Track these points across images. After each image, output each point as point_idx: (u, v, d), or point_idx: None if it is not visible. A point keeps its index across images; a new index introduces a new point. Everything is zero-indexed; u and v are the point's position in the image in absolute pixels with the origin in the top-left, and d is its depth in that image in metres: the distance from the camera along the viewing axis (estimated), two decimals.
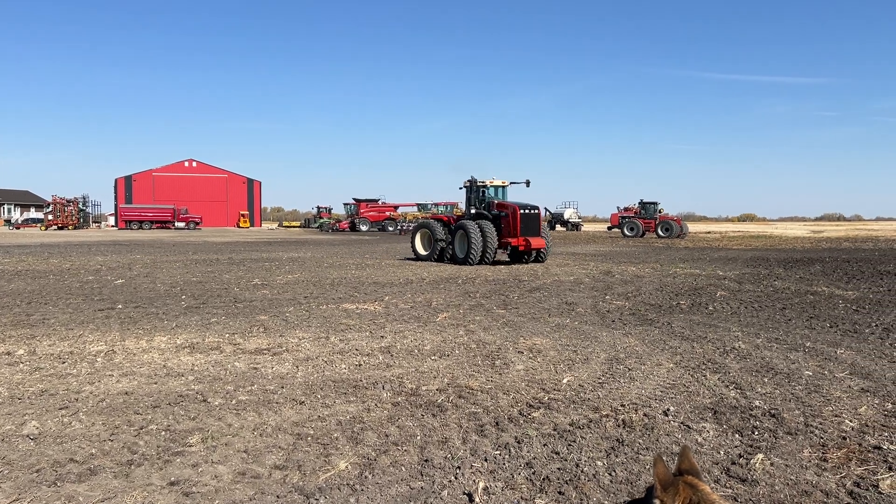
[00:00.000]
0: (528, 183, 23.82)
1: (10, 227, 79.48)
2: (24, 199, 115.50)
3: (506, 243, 22.56)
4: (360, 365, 7.67)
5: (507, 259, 23.74)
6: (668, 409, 5.88)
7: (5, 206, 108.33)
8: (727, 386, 6.75)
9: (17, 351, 8.25)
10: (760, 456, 4.73)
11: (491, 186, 23.91)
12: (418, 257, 24.58)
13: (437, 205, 64.57)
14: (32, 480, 4.33)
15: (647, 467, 4.58)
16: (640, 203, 55.28)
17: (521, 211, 22.40)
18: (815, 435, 5.26)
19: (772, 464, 4.63)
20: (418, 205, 67.78)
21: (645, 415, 5.75)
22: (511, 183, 24.30)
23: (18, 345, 8.63)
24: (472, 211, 23.78)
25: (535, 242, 22.24)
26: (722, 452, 4.88)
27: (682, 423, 5.54)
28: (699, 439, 5.15)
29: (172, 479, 4.38)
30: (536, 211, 22.82)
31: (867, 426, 5.48)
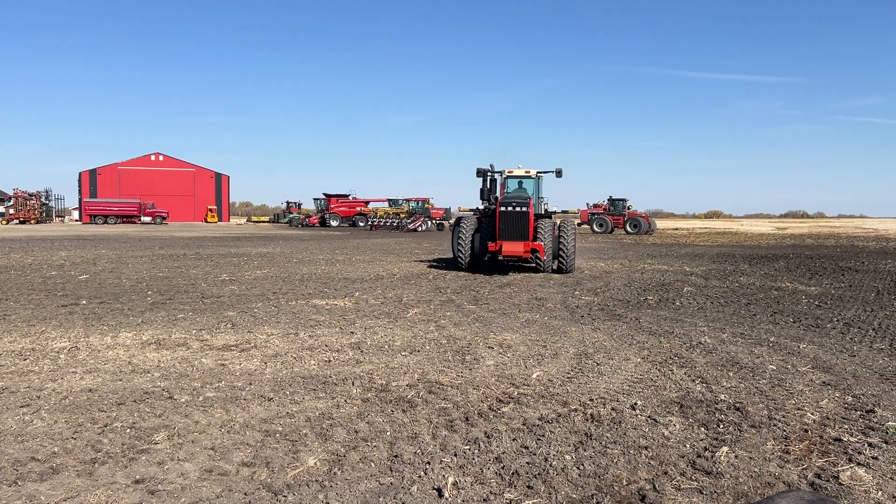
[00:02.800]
0: (558, 173, 19.01)
1: None
2: None
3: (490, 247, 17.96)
4: (329, 361, 7.63)
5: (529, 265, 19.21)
6: (636, 404, 5.95)
7: None
8: (693, 380, 6.85)
9: None
10: (725, 449, 4.81)
11: (510, 177, 19.61)
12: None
13: (408, 200, 64.43)
14: None
15: (615, 461, 4.63)
16: (608, 200, 55.79)
17: (502, 208, 17.88)
18: (779, 428, 5.36)
19: (736, 456, 4.72)
20: (389, 200, 67.57)
21: (613, 409, 5.81)
22: (540, 173, 19.62)
23: None
24: (482, 206, 20.21)
25: (509, 248, 17.27)
26: (688, 446, 4.95)
27: (649, 416, 5.61)
28: (665, 433, 5.22)
29: (137, 477, 4.31)
30: (523, 209, 17.62)
31: (828, 419, 5.61)
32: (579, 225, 64.53)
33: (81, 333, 9.04)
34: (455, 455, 4.72)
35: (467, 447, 4.87)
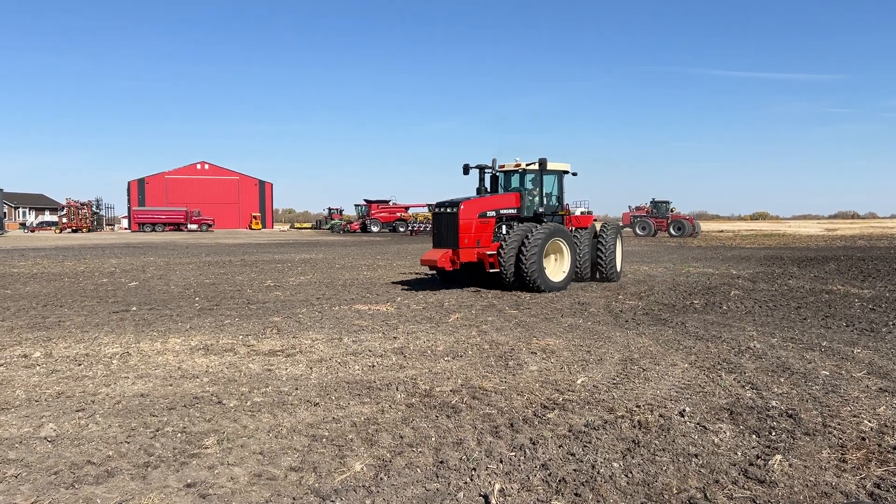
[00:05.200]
0: (542, 163, 15.55)
1: (25, 231, 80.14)
2: (39, 203, 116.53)
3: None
4: (373, 366, 7.68)
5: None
6: (684, 410, 5.84)
7: (20, 210, 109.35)
8: (743, 386, 6.70)
9: (33, 353, 8.31)
10: (779, 457, 4.69)
11: (501, 172, 16.74)
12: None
13: None
14: (51, 483, 4.36)
15: (664, 468, 4.55)
16: (651, 202, 55.01)
17: (435, 210, 15.63)
18: (834, 435, 5.21)
19: (790, 465, 4.59)
20: (429, 205, 67.80)
21: (661, 416, 5.71)
22: (530, 166, 16.13)
23: (35, 347, 8.69)
24: None
25: (431, 256, 14.75)
26: (739, 453, 4.84)
27: (698, 423, 5.51)
28: (716, 440, 5.11)
29: (189, 480, 4.40)
30: (452, 210, 14.75)
31: (886, 426, 5.43)
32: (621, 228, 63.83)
33: (132, 339, 9.26)
34: (501, 461, 4.69)
35: (513, 453, 4.85)
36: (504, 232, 15.32)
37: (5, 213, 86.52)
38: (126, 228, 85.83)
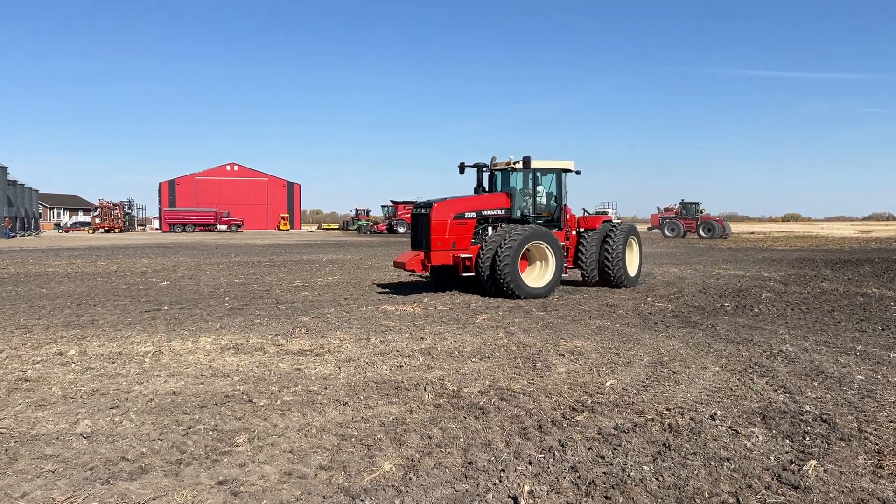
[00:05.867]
0: (525, 162, 14.58)
1: (60, 231, 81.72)
2: (73, 203, 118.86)
3: None
4: (401, 366, 7.70)
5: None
6: (715, 414, 5.77)
7: (54, 211, 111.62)
8: (775, 390, 6.60)
9: (68, 351, 8.47)
10: (813, 462, 4.61)
11: (495, 171, 15.89)
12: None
13: None
14: (86, 478, 4.45)
15: (696, 472, 4.50)
16: (680, 203, 54.45)
17: (412, 211, 15.25)
18: (870, 441, 5.11)
19: (825, 470, 4.51)
20: None
21: (691, 419, 5.65)
22: (516, 163, 14.94)
23: (70, 345, 8.86)
24: None
25: (401, 259, 14.47)
26: (772, 458, 4.77)
27: (729, 427, 5.44)
28: (748, 444, 5.04)
29: (221, 478, 4.45)
30: (426, 211, 14.24)
31: None
32: (649, 229, 63.21)
33: (164, 338, 9.40)
34: (530, 463, 4.68)
35: (542, 455, 4.83)
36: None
37: (40, 213, 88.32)
38: (157, 229, 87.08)
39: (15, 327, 10.33)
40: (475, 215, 14.54)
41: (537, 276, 14.46)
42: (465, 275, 14.16)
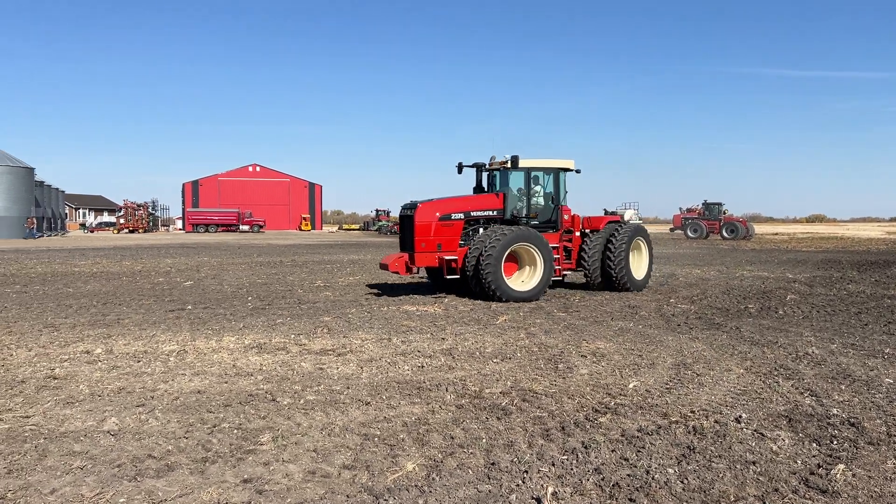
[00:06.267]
0: (513, 161, 14.20)
1: (85, 231, 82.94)
2: (98, 204, 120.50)
3: None
4: (422, 367, 7.71)
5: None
6: (741, 416, 5.71)
7: (80, 211, 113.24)
8: (801, 393, 6.52)
9: (95, 350, 8.59)
10: (841, 466, 4.54)
11: (493, 170, 15.43)
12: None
13: None
14: (114, 475, 4.51)
15: (721, 475, 4.46)
16: (703, 204, 53.95)
17: (400, 212, 14.97)
18: None
19: (853, 475, 4.45)
20: None
21: (716, 421, 5.60)
22: (503, 162, 14.63)
23: (96, 344, 8.98)
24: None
25: (386, 260, 14.34)
26: (799, 462, 4.71)
27: (755, 430, 5.38)
28: (774, 448, 4.98)
29: (245, 476, 4.49)
30: (410, 213, 14.12)
31: None
32: (672, 230, 62.69)
33: (188, 337, 9.50)
34: (553, 465, 4.66)
35: (565, 457, 4.81)
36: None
37: (66, 213, 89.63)
38: (180, 229, 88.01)
39: (43, 326, 10.50)
40: (463, 216, 14.20)
41: (526, 278, 14.06)
42: (448, 277, 13.98)
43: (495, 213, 14.54)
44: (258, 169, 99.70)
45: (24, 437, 5.23)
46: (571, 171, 15.35)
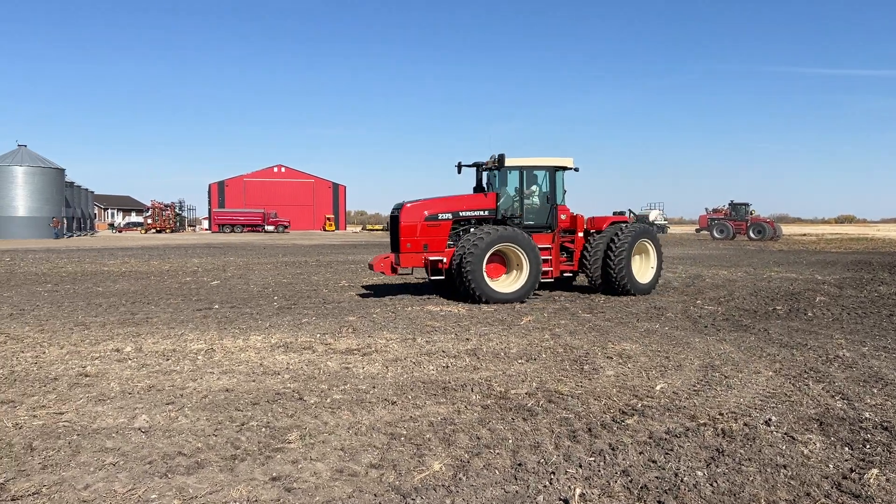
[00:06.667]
0: (499, 160, 14.11)
1: (113, 231, 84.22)
2: (126, 204, 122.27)
3: None
4: (447, 367, 7.72)
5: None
6: (770, 419, 5.64)
7: (108, 211, 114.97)
8: (833, 396, 6.42)
9: (124, 348, 8.72)
10: (875, 471, 4.47)
11: (486, 169, 15.15)
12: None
13: None
14: (146, 471, 4.57)
15: (751, 479, 4.41)
16: (730, 204, 53.38)
17: (391, 213, 14.84)
18: None
19: (887, 479, 4.37)
20: None
21: (745, 424, 5.54)
22: (486, 163, 14.81)
23: (126, 342, 9.12)
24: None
25: (373, 261, 14.43)
26: (831, 466, 4.64)
27: (785, 433, 5.31)
28: (805, 451, 4.92)
29: (274, 474, 4.53)
30: (396, 213, 14.18)
31: None
32: (697, 231, 62.06)
33: (216, 336, 9.60)
34: (580, 466, 4.65)
35: (592, 459, 4.79)
36: None
37: (95, 213, 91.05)
38: (207, 229, 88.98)
39: (74, 324, 10.68)
40: (451, 217, 14.00)
41: (512, 280, 13.76)
42: (433, 278, 13.96)
43: (487, 213, 14.29)
44: (283, 170, 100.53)
45: (58, 434, 5.33)
46: (570, 169, 14.88)
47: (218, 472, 4.56)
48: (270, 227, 79.22)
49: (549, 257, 14.33)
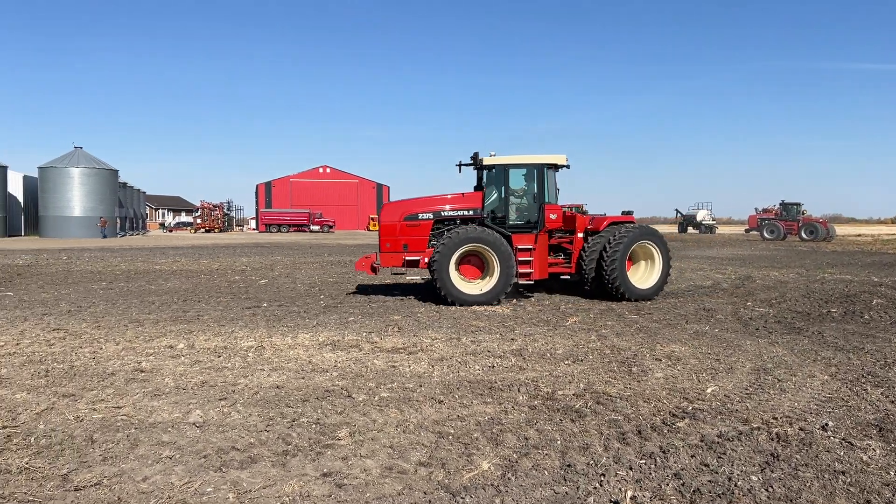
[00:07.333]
0: (477, 159, 14.12)
1: (164, 231, 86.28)
2: (176, 205, 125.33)
3: None
4: (493, 367, 7.72)
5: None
6: (827, 424, 5.49)
7: (160, 211, 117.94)
8: (892, 401, 6.23)
9: (177, 345, 8.94)
10: None
11: (485, 168, 14.32)
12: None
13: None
14: (201, 465, 4.69)
15: (808, 485, 4.30)
16: (781, 204, 52.08)
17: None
18: None
19: None
20: None
21: (801, 429, 5.41)
22: (467, 165, 14.55)
23: (178, 339, 9.35)
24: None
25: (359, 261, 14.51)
26: (892, 473, 4.50)
27: (843, 439, 5.17)
28: (864, 458, 4.78)
29: (325, 470, 4.60)
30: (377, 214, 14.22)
31: None
32: (747, 231, 60.71)
33: (265, 334, 9.77)
34: (630, 468, 4.60)
35: (643, 461, 4.74)
36: None
37: (147, 213, 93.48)
38: (254, 229, 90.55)
39: (128, 321, 10.98)
40: (432, 216, 13.72)
41: (485, 282, 13.32)
42: (409, 279, 13.93)
43: (472, 212, 13.82)
44: (328, 170, 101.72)
45: (117, 427, 5.50)
46: (561, 166, 14.14)
47: (270, 467, 4.65)
48: (316, 227, 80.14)
49: (530, 258, 13.65)
